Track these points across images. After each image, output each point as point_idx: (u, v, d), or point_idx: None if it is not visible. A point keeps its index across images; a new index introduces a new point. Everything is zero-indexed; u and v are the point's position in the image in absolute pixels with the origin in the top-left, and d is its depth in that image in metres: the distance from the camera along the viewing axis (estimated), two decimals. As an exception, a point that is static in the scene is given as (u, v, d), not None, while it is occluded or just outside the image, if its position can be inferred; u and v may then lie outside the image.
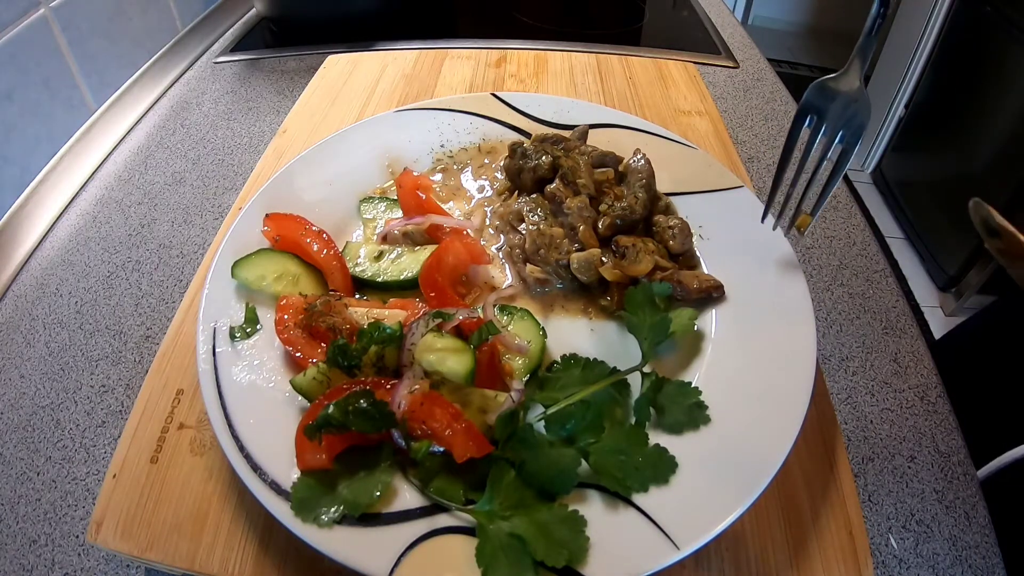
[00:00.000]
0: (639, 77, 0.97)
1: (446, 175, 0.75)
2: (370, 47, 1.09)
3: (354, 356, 0.48)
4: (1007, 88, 1.92)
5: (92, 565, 0.49)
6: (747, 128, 0.95)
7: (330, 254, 0.60)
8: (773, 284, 0.58)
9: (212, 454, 0.50)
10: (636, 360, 0.52)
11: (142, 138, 0.93)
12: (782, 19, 3.62)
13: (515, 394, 0.49)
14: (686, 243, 0.62)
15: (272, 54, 1.13)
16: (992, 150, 1.98)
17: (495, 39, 1.10)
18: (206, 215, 0.79)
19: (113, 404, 0.60)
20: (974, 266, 2.07)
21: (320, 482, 0.44)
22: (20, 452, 0.56)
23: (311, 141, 0.79)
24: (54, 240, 0.77)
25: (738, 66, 1.11)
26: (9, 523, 0.51)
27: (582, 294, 0.62)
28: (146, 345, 0.65)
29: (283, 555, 0.45)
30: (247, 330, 0.54)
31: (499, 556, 0.41)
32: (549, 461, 0.45)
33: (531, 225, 0.62)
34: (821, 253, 0.76)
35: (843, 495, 0.49)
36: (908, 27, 2.50)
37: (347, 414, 0.43)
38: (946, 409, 0.60)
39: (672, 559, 0.41)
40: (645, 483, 0.45)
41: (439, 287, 0.58)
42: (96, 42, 0.89)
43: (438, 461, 0.46)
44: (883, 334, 0.67)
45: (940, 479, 0.55)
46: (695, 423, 0.49)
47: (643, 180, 0.65)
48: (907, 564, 0.50)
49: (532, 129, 0.77)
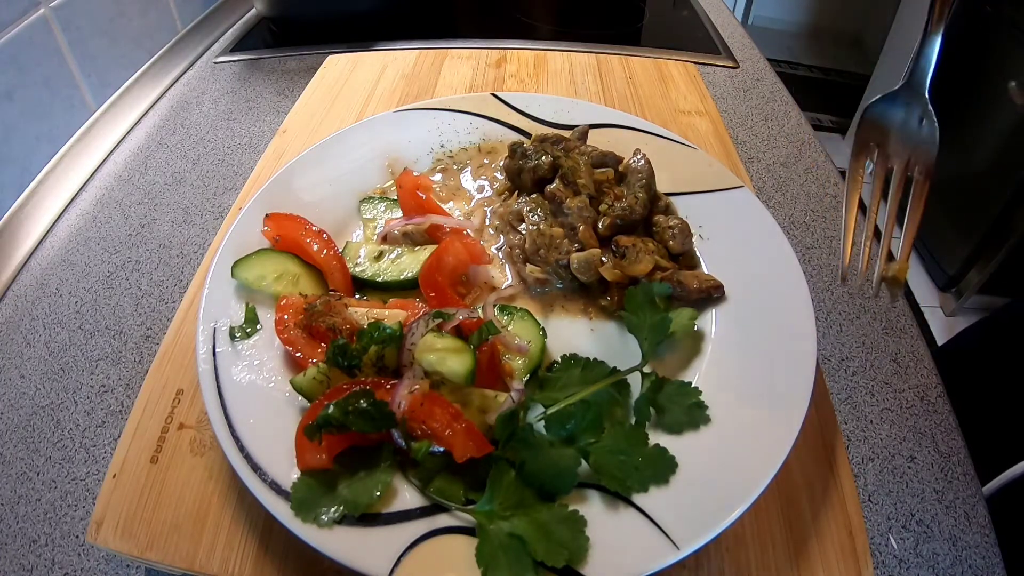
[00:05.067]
0: (639, 77, 0.97)
1: (446, 175, 0.75)
2: (370, 47, 1.09)
3: (354, 356, 0.48)
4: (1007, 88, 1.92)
5: (92, 565, 0.49)
6: (747, 128, 0.95)
7: (330, 254, 0.60)
8: (773, 284, 0.58)
9: (212, 454, 0.50)
10: (636, 360, 0.52)
11: (142, 138, 0.93)
12: (782, 19, 3.62)
13: (515, 394, 0.49)
14: (686, 243, 0.62)
15: (272, 54, 1.13)
16: (992, 150, 1.98)
17: (495, 39, 1.10)
18: (206, 215, 0.79)
19: (113, 404, 0.60)
20: (974, 266, 2.07)
21: (320, 482, 0.44)
22: (20, 452, 0.56)
23: (311, 141, 0.79)
24: (54, 240, 0.77)
25: (738, 66, 1.11)
26: (9, 523, 0.51)
27: (582, 294, 0.62)
28: (146, 345, 0.65)
29: (283, 555, 0.45)
30: (247, 330, 0.54)
31: (499, 556, 0.41)
32: (549, 461, 0.45)
33: (531, 225, 0.62)
34: (821, 253, 0.76)
35: (843, 495, 0.49)
36: (908, 27, 2.50)
37: (347, 414, 0.43)
38: (946, 409, 0.60)
39: (672, 559, 0.41)
40: (645, 483, 0.45)
41: (439, 287, 0.58)
42: (96, 42, 0.89)
43: (438, 461, 0.46)
44: (883, 334, 0.67)
45: (940, 479, 0.55)
46: (695, 423, 0.49)
47: (643, 180, 0.65)
48: (907, 564, 0.50)
49: (532, 129, 0.77)
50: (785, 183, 0.85)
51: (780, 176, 0.86)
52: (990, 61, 2.00)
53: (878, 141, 0.46)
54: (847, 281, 0.48)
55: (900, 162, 0.45)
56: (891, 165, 0.46)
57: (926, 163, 0.44)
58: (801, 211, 0.81)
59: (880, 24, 2.83)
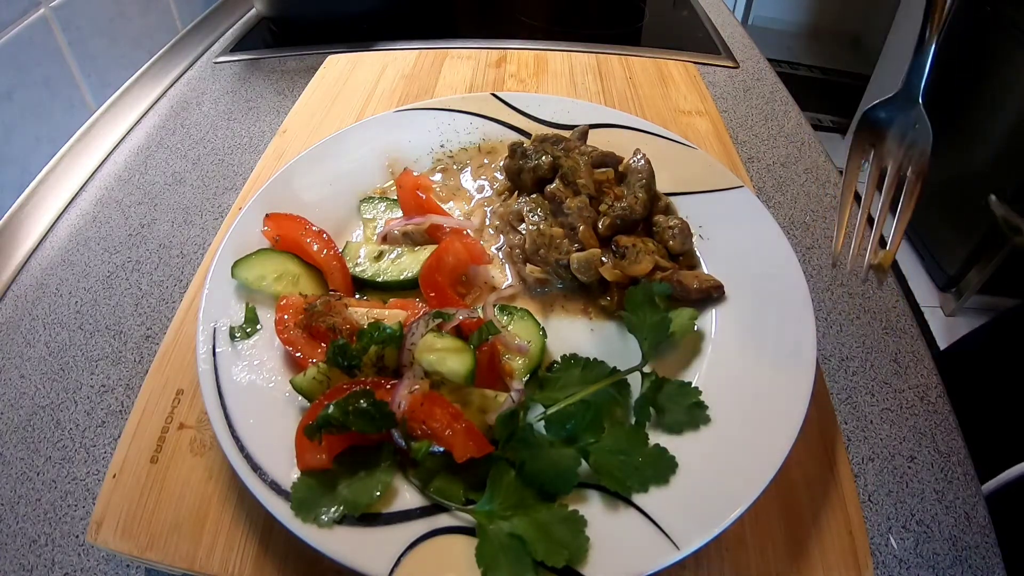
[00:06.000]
0: (639, 77, 0.97)
1: (446, 175, 0.75)
2: (370, 47, 1.09)
3: (354, 356, 0.48)
4: (1007, 88, 1.92)
5: (92, 565, 0.49)
6: (747, 128, 0.95)
7: (330, 254, 0.60)
8: (773, 284, 0.58)
9: (212, 454, 0.50)
10: (636, 360, 0.52)
11: (142, 138, 0.93)
12: (782, 19, 3.62)
13: (515, 394, 0.49)
14: (686, 243, 0.62)
15: (272, 54, 1.13)
16: (992, 150, 1.98)
17: (495, 39, 1.10)
18: (206, 215, 0.79)
19: (113, 404, 0.60)
20: (974, 266, 2.07)
21: (320, 482, 0.44)
22: (20, 452, 0.56)
23: (311, 141, 0.79)
24: (54, 240, 0.77)
25: (738, 66, 1.11)
26: (9, 523, 0.51)
27: (582, 294, 0.62)
28: (146, 345, 0.65)
29: (283, 555, 0.45)
30: (247, 330, 0.54)
31: (499, 556, 0.41)
32: (549, 461, 0.45)
33: (531, 225, 0.62)
34: (821, 253, 0.76)
35: (843, 495, 0.49)
36: (908, 27, 2.50)
37: (347, 414, 0.43)
38: (946, 409, 0.60)
39: (672, 559, 0.41)
40: (645, 483, 0.45)
41: (439, 287, 0.58)
42: (96, 42, 0.89)
43: (438, 461, 0.46)
44: (883, 334, 0.67)
45: (940, 479, 0.55)
46: (695, 423, 0.49)
47: (643, 180, 0.65)
48: (907, 564, 0.50)
49: (532, 129, 0.77)
50: (785, 183, 0.85)
51: (780, 176, 0.86)
52: (990, 61, 2.00)
53: (874, 143, 0.50)
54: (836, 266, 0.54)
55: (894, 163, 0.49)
56: (885, 165, 0.49)
57: (919, 164, 0.48)
58: (801, 211, 0.81)
59: (880, 24, 2.83)
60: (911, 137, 0.48)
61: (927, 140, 0.48)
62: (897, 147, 0.49)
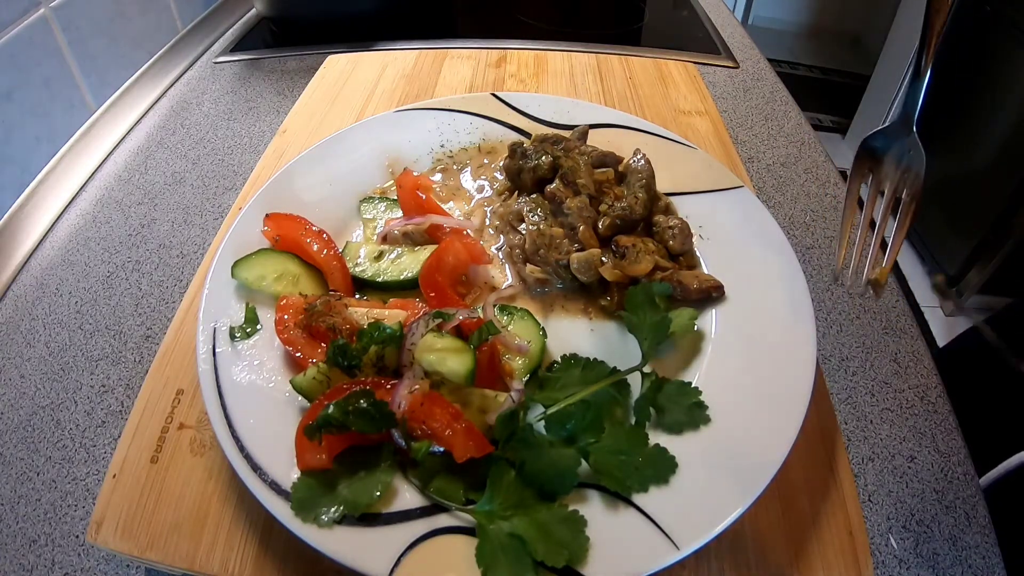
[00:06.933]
0: (639, 77, 0.97)
1: (446, 175, 0.75)
2: (370, 47, 1.09)
3: (354, 356, 0.48)
4: (1007, 88, 1.92)
5: (92, 565, 0.49)
6: (747, 128, 0.95)
7: (330, 254, 0.60)
8: (773, 284, 0.58)
9: (212, 454, 0.50)
10: (636, 360, 0.52)
11: (142, 138, 0.93)
12: (782, 19, 3.62)
13: (515, 394, 0.49)
14: (686, 243, 0.62)
15: (272, 54, 1.13)
16: (992, 151, 1.98)
17: (495, 39, 1.10)
18: (206, 215, 0.79)
19: (113, 404, 0.60)
20: (974, 266, 2.07)
21: (320, 482, 0.44)
22: (20, 452, 0.56)
23: (311, 141, 0.79)
24: (54, 240, 0.77)
25: (738, 66, 1.11)
26: (9, 523, 0.51)
27: (582, 294, 0.62)
28: (146, 345, 0.65)
29: (283, 555, 0.45)
30: (247, 330, 0.54)
31: (499, 556, 0.41)
32: (549, 461, 0.45)
33: (531, 225, 0.62)
34: (821, 253, 0.76)
35: (843, 495, 0.49)
36: (908, 27, 2.50)
37: (347, 414, 0.43)
38: (946, 409, 0.60)
39: (672, 559, 0.41)
40: (645, 483, 0.45)
41: (439, 287, 0.58)
42: (96, 42, 0.89)
43: (438, 461, 0.46)
44: (883, 334, 0.67)
45: (940, 479, 0.55)
46: (695, 423, 0.49)
47: (643, 180, 0.65)
48: (907, 564, 0.50)
49: (532, 129, 0.77)
50: (785, 183, 0.85)
51: (780, 176, 0.86)
52: (990, 61, 2.00)
53: (872, 168, 0.54)
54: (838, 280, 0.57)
55: (891, 186, 0.53)
56: (883, 188, 0.54)
57: (913, 187, 0.52)
58: (801, 211, 0.81)
59: (880, 24, 2.83)
60: (906, 162, 0.52)
61: (921, 165, 0.52)
62: (894, 171, 0.53)
